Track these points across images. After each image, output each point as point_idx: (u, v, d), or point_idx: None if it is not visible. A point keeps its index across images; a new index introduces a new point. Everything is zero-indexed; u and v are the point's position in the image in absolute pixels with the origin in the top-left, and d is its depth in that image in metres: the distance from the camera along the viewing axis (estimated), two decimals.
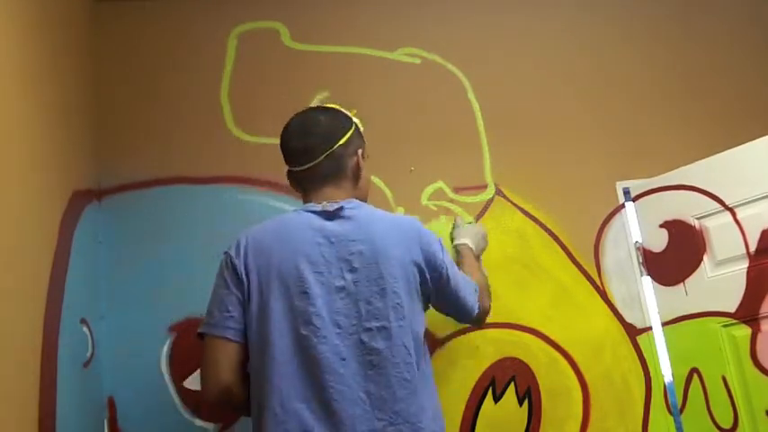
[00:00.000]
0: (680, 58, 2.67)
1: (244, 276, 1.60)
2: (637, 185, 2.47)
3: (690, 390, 2.28)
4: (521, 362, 2.30)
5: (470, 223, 2.34)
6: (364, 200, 1.78)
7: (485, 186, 2.45)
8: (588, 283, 2.40)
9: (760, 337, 2.13)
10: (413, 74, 2.53)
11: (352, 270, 1.58)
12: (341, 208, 1.65)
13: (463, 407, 2.24)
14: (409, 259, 1.63)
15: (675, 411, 2.31)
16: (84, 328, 2.01)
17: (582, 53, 2.64)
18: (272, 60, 2.48)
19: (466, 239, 2.19)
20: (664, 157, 2.48)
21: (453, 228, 2.29)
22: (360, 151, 1.76)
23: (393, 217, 1.75)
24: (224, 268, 1.65)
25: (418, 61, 2.55)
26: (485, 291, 1.97)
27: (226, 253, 1.67)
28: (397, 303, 1.58)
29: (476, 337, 2.30)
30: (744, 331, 2.16)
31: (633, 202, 2.48)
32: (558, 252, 2.41)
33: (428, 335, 2.26)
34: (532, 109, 2.55)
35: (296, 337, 1.54)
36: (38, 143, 1.79)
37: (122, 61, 2.42)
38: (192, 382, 2.15)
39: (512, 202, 2.43)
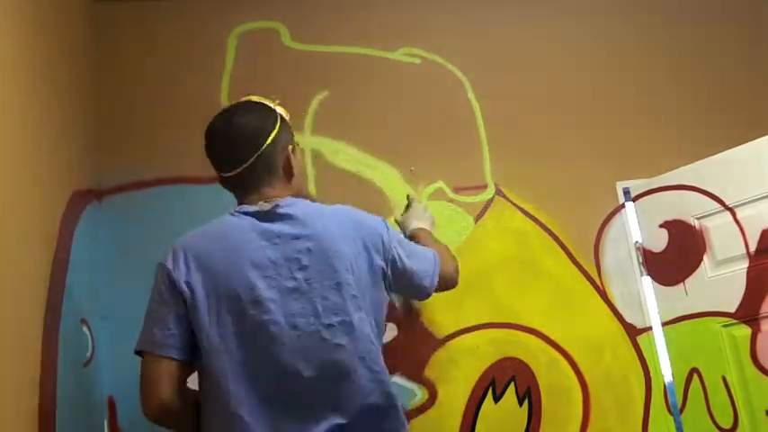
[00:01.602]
0: (680, 59, 2.67)
1: (186, 291, 1.52)
2: (637, 185, 2.47)
3: (690, 390, 2.28)
4: (521, 362, 2.30)
5: (420, 204, 2.23)
6: (298, 194, 1.71)
7: (485, 186, 2.45)
8: (588, 283, 2.40)
9: (760, 337, 2.13)
10: (413, 74, 2.53)
11: (302, 268, 1.53)
12: (276, 206, 1.59)
13: (463, 407, 2.24)
14: (358, 248, 1.59)
15: (675, 411, 2.31)
16: (84, 328, 2.01)
17: (582, 53, 2.64)
18: (272, 60, 2.48)
19: (422, 223, 2.10)
20: (664, 157, 2.48)
21: (405, 209, 2.20)
22: (290, 147, 1.70)
23: (332, 209, 1.68)
24: (161, 282, 1.57)
25: (418, 61, 2.55)
26: (446, 256, 1.92)
27: (161, 265, 1.58)
28: (353, 295, 1.53)
29: (476, 337, 2.30)
30: (744, 331, 2.16)
31: (633, 202, 2.48)
32: (558, 252, 2.41)
33: (428, 335, 2.28)
34: (532, 109, 2.55)
35: (253, 347, 1.49)
36: (38, 143, 1.79)
37: (122, 61, 2.42)
38: (192, 382, 2.15)
39: (512, 202, 2.43)
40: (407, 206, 2.22)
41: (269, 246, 1.55)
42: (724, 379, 2.19)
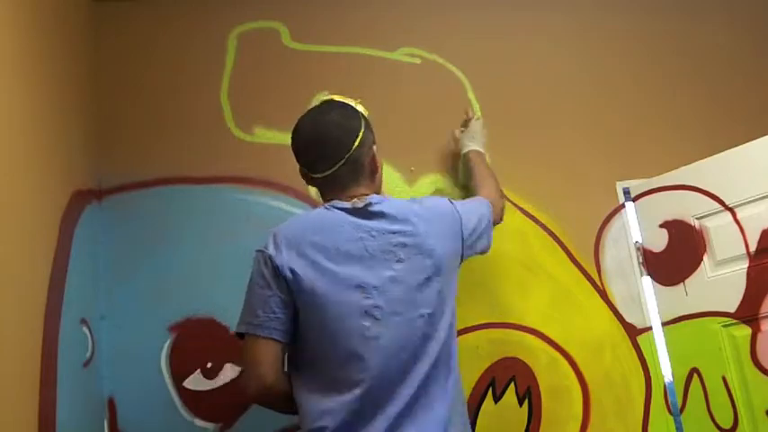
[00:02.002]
0: (680, 59, 2.67)
1: (289, 276, 1.59)
2: (637, 185, 2.47)
3: (690, 390, 2.28)
4: (521, 362, 2.30)
5: (478, 120, 2.36)
6: (379, 189, 1.82)
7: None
8: (588, 283, 2.40)
9: (760, 337, 2.13)
10: (413, 74, 2.53)
11: (399, 260, 1.63)
12: (369, 204, 1.68)
13: None
14: (446, 242, 1.71)
15: (675, 411, 2.31)
16: (84, 328, 2.01)
17: (582, 53, 2.64)
18: (272, 60, 2.48)
19: (476, 144, 2.27)
20: (664, 157, 2.48)
21: (465, 127, 2.33)
22: (374, 147, 1.79)
23: (422, 207, 1.76)
24: (263, 267, 1.63)
25: (418, 61, 2.55)
26: (498, 196, 2.10)
27: (261, 252, 1.64)
28: (439, 290, 1.66)
29: (476, 337, 2.30)
30: (744, 331, 2.16)
31: (633, 202, 2.48)
32: (558, 252, 2.42)
33: None
34: (532, 109, 2.55)
35: (353, 329, 1.57)
36: (38, 143, 1.79)
37: (122, 61, 2.42)
38: (192, 382, 2.15)
39: (512, 202, 2.43)
40: (466, 121, 2.34)
41: (368, 238, 1.64)
42: (724, 379, 2.19)
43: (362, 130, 1.74)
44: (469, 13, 2.62)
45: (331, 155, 1.70)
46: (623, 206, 2.48)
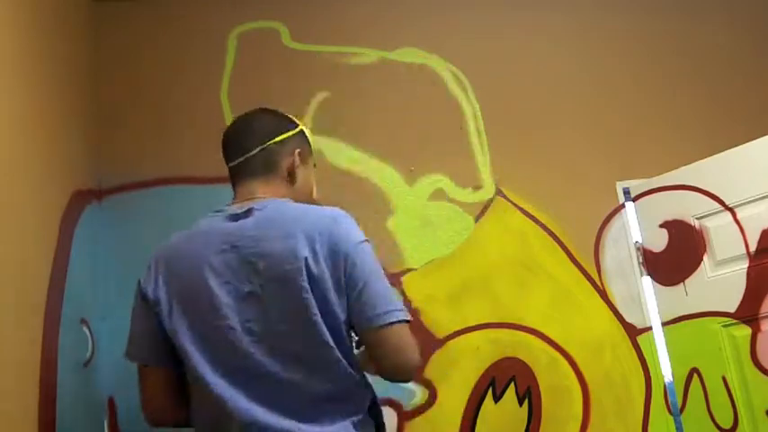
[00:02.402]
0: (680, 59, 2.67)
1: (153, 297, 1.54)
2: (637, 185, 2.47)
3: (690, 390, 2.28)
4: (521, 362, 2.30)
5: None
6: (306, 198, 1.68)
7: (485, 186, 2.45)
8: (588, 283, 2.40)
9: (760, 337, 2.13)
10: (413, 74, 2.53)
11: (258, 273, 1.48)
12: (252, 208, 1.55)
13: (463, 407, 2.24)
14: (318, 253, 1.48)
15: (675, 411, 2.31)
16: (84, 328, 2.01)
17: (582, 53, 2.64)
18: (272, 60, 2.48)
19: None
20: (664, 157, 2.48)
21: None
22: (297, 151, 1.66)
23: (306, 210, 1.58)
24: (137, 295, 1.60)
25: (418, 61, 2.55)
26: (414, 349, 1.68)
27: (138, 281, 1.61)
28: (305, 298, 1.44)
29: (476, 337, 2.30)
30: (744, 331, 2.16)
31: (633, 202, 2.48)
32: (558, 252, 2.41)
33: (428, 335, 2.28)
34: (533, 109, 2.55)
35: (215, 350, 1.47)
36: (38, 143, 1.79)
37: (122, 61, 2.42)
38: None
39: (512, 202, 2.43)
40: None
41: (229, 249, 1.52)
42: (724, 379, 2.19)
43: (290, 134, 1.66)
44: (469, 13, 2.62)
45: (248, 142, 1.64)
46: (623, 206, 2.48)
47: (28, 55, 1.77)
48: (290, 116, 1.73)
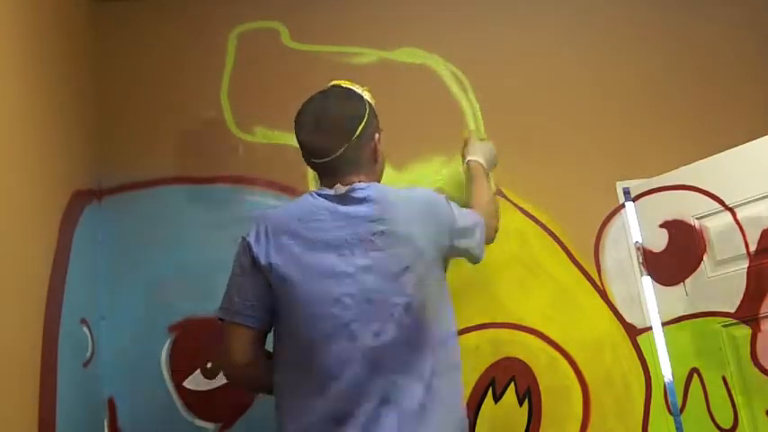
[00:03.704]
0: (680, 58, 2.67)
1: (266, 265, 1.60)
2: (637, 185, 2.47)
3: (690, 390, 2.28)
4: (521, 362, 2.30)
5: (482, 140, 2.32)
6: (380, 178, 1.81)
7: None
8: (588, 283, 2.40)
9: (760, 337, 2.13)
10: (413, 74, 2.53)
11: (376, 249, 1.59)
12: (352, 190, 1.66)
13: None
14: (429, 233, 1.65)
15: (675, 411, 2.31)
16: (84, 328, 2.01)
17: (582, 53, 2.63)
18: (272, 60, 2.48)
19: (477, 156, 2.20)
20: (664, 157, 2.47)
21: (465, 145, 2.27)
22: (376, 136, 1.77)
23: (408, 194, 1.72)
24: (242, 255, 1.65)
25: (418, 61, 2.55)
26: (492, 214, 2.05)
27: (243, 239, 1.66)
28: (419, 279, 1.60)
29: (476, 337, 2.30)
30: (744, 331, 2.16)
31: (633, 202, 2.47)
32: (558, 252, 2.41)
33: None
34: (532, 109, 2.54)
35: (330, 315, 1.56)
36: (38, 143, 1.79)
37: (122, 61, 2.42)
38: (192, 382, 2.15)
39: (512, 202, 2.43)
40: (465, 143, 2.27)
41: (345, 225, 1.61)
42: (724, 379, 2.19)
43: (366, 117, 1.73)
44: (470, 12, 2.62)
45: (332, 142, 1.68)
46: (623, 206, 2.48)
47: (28, 55, 1.77)
48: (356, 89, 1.78)
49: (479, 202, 2.04)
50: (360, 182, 1.69)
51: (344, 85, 1.79)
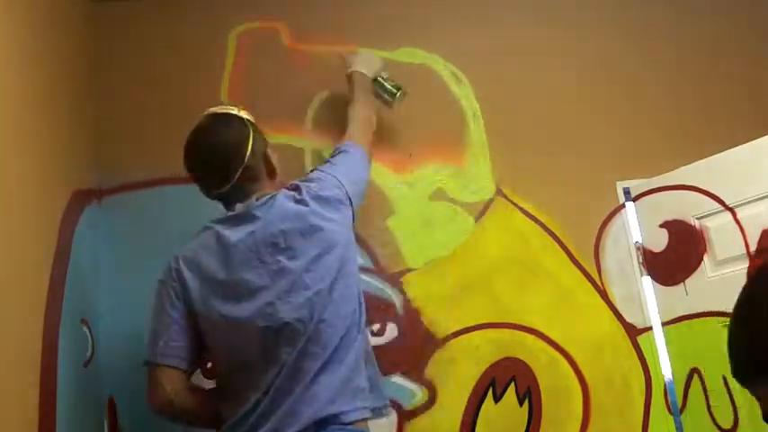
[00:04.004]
0: (680, 58, 2.67)
1: (182, 299, 1.69)
2: (637, 185, 2.47)
3: (690, 390, 2.28)
4: (521, 362, 2.30)
5: (363, 52, 2.36)
6: (280, 187, 1.83)
7: (485, 186, 2.45)
8: (588, 283, 2.40)
9: None
10: (413, 74, 2.52)
11: (282, 250, 1.66)
12: (248, 207, 1.74)
13: (463, 407, 2.24)
14: (336, 217, 1.75)
15: (675, 411, 2.30)
16: (84, 328, 2.01)
17: (582, 53, 2.63)
18: (272, 60, 2.48)
19: (359, 67, 2.25)
20: (664, 157, 2.47)
21: (345, 62, 2.30)
22: (268, 150, 1.83)
23: (303, 187, 1.80)
24: (163, 296, 1.72)
25: (418, 61, 2.55)
26: (365, 137, 2.09)
27: (160, 281, 1.74)
28: (337, 262, 1.68)
29: (476, 337, 2.30)
30: None
31: (633, 202, 2.47)
32: (558, 252, 2.41)
33: (428, 335, 2.28)
34: (533, 109, 2.54)
35: (257, 333, 1.63)
36: (38, 143, 1.79)
37: (122, 61, 2.42)
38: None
39: (512, 203, 2.43)
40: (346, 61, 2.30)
41: (246, 239, 1.68)
42: (724, 379, 2.19)
43: (250, 137, 1.77)
44: (469, 12, 2.62)
45: (226, 171, 1.74)
46: (623, 206, 2.48)
47: (27, 55, 1.77)
48: (233, 111, 1.81)
49: (356, 128, 2.09)
50: (260, 196, 1.76)
51: (220, 112, 1.83)
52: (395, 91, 2.30)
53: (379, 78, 2.31)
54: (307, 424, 1.55)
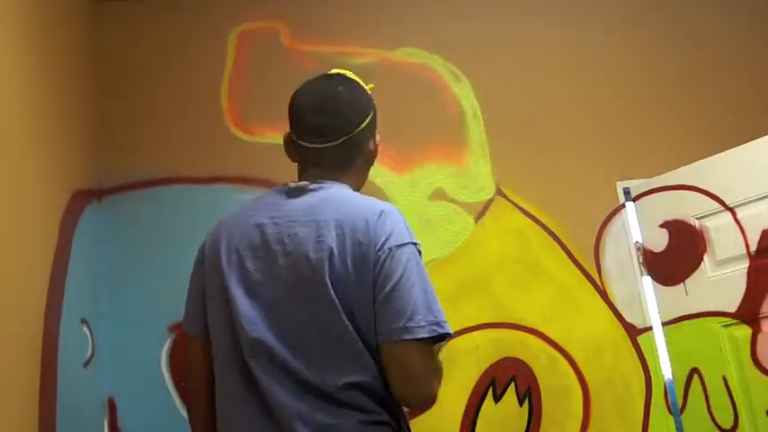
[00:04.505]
0: (679, 59, 2.67)
1: (200, 273, 1.47)
2: (637, 185, 2.47)
3: (690, 390, 2.28)
4: (521, 362, 2.30)
5: None
6: (362, 184, 1.57)
7: (485, 186, 2.45)
8: (588, 283, 2.40)
9: (760, 337, 2.13)
10: (413, 74, 2.52)
11: (286, 254, 1.38)
12: (306, 185, 1.46)
13: (463, 407, 2.24)
14: (348, 249, 1.36)
15: (675, 411, 2.31)
16: (84, 328, 2.01)
17: (582, 54, 2.63)
18: (272, 60, 2.48)
19: None
20: (664, 157, 2.47)
21: None
22: (378, 138, 1.58)
23: (353, 200, 1.45)
24: (193, 268, 1.52)
25: (418, 61, 2.55)
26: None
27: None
28: (325, 292, 1.33)
29: (476, 337, 2.30)
30: (744, 331, 2.16)
31: (633, 202, 2.47)
32: (558, 252, 2.41)
33: None
34: (533, 109, 2.54)
35: (232, 334, 1.38)
36: (39, 143, 1.79)
37: (123, 61, 2.42)
38: None
39: (512, 203, 2.43)
40: None
41: (270, 225, 1.42)
42: (724, 379, 2.19)
43: (371, 114, 1.53)
44: (470, 12, 2.62)
45: (332, 129, 1.46)
46: (623, 206, 2.48)
47: (28, 54, 1.77)
48: (363, 84, 1.57)
49: None
50: (323, 181, 1.47)
51: (352, 77, 1.56)
52: None
53: None
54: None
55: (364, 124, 1.51)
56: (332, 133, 1.47)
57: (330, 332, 1.33)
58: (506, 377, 2.28)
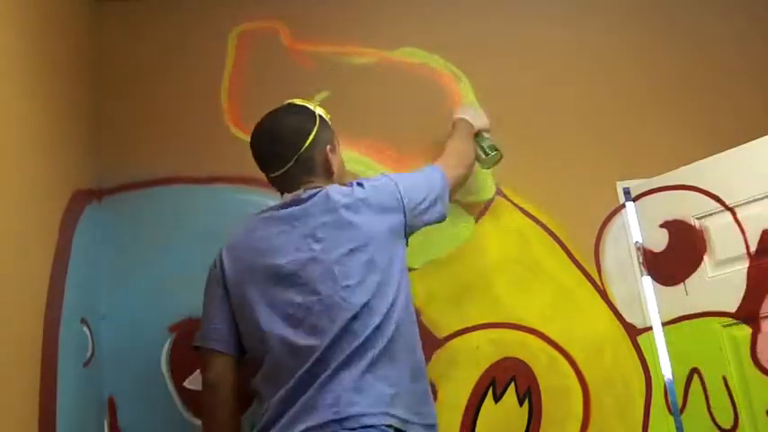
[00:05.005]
0: (679, 59, 2.67)
1: (222, 285, 1.77)
2: (637, 185, 2.47)
3: (690, 390, 2.28)
4: (521, 362, 2.30)
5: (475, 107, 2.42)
6: (339, 181, 1.87)
7: (485, 186, 2.45)
8: (588, 283, 2.40)
9: (760, 337, 2.13)
10: (413, 74, 2.52)
11: (318, 240, 1.69)
12: (297, 195, 1.78)
13: (463, 407, 2.24)
14: (381, 218, 1.74)
15: (675, 411, 2.31)
16: (85, 328, 2.01)
17: (582, 53, 2.63)
18: (272, 60, 2.48)
19: (467, 116, 2.29)
20: (664, 157, 2.47)
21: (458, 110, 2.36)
22: (328, 147, 1.85)
23: (356, 185, 1.81)
24: (208, 283, 1.83)
25: (418, 61, 2.55)
26: (452, 165, 2.03)
27: (210, 269, 1.83)
28: (368, 261, 1.68)
29: (476, 337, 2.30)
30: (744, 331, 2.16)
31: (633, 202, 2.47)
32: (558, 252, 2.41)
33: (428, 335, 2.28)
34: (533, 109, 2.54)
35: (285, 318, 1.66)
36: (38, 143, 1.79)
37: (123, 61, 2.42)
38: (193, 382, 2.15)
39: (512, 203, 2.43)
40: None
41: (288, 229, 1.72)
42: (724, 379, 2.19)
43: (315, 130, 1.82)
44: (470, 13, 2.62)
45: (282, 155, 1.80)
46: (623, 206, 2.48)
47: (28, 54, 1.77)
48: (306, 104, 1.88)
49: (445, 156, 2.08)
50: (309, 188, 1.80)
51: (294, 102, 1.91)
52: (490, 152, 2.27)
53: (483, 133, 2.31)
54: (325, 419, 1.53)
55: (309, 141, 1.80)
56: (282, 159, 1.80)
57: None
58: (506, 377, 2.28)
